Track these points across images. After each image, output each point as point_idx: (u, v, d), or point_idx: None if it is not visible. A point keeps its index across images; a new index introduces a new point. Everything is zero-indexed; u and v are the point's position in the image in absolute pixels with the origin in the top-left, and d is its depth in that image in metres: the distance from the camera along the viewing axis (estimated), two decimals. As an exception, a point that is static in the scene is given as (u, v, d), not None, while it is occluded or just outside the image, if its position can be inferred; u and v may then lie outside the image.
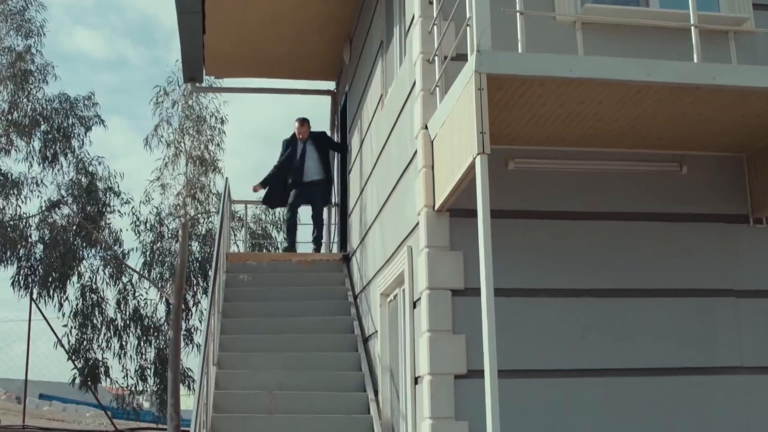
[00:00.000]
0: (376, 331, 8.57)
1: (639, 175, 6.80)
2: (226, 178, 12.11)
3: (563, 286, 6.51)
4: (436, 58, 6.59)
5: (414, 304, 6.86)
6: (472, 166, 5.39)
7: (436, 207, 6.41)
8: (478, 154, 5.24)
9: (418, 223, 6.70)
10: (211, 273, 9.30)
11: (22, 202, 16.02)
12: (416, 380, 6.70)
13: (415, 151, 6.91)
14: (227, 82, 14.36)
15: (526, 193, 6.65)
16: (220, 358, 9.19)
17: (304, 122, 11.95)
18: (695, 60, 5.96)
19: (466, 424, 6.09)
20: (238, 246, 15.47)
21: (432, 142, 6.59)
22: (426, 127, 6.69)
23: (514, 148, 6.59)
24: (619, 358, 6.46)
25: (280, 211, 16.61)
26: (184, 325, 15.31)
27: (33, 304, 15.14)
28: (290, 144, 11.98)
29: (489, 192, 5.24)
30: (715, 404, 6.49)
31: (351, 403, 8.38)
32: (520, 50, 5.73)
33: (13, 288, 15.86)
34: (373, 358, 8.86)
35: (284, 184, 11.92)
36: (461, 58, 5.98)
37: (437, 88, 6.55)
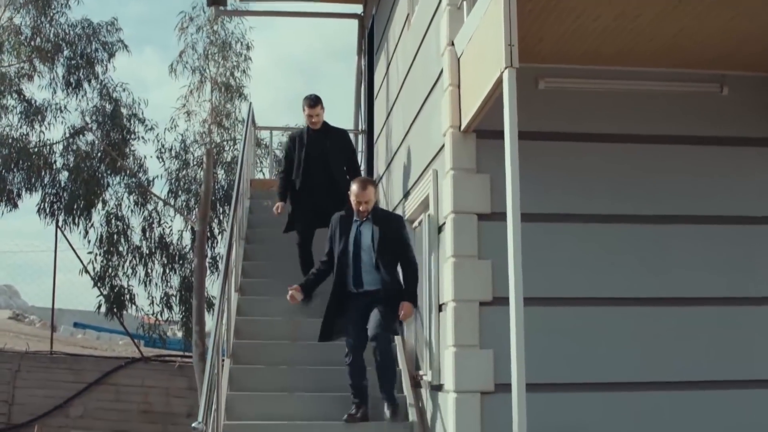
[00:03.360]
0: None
1: (676, 96, 6.46)
2: (250, 103, 11.88)
3: (594, 211, 6.24)
4: (464, -31, 6.25)
5: (439, 230, 6.63)
6: (499, 82, 5.09)
7: (463, 127, 6.13)
8: (505, 68, 4.94)
9: (443, 145, 6.43)
10: (239, 201, 9.11)
11: (46, 128, 15.89)
12: (440, 308, 6.51)
13: (441, 70, 6.60)
14: (252, 5, 13.97)
15: (557, 114, 6.34)
16: (243, 284, 9.05)
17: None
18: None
19: (491, 353, 5.90)
20: (263, 173, 15.28)
21: (458, 59, 6.28)
22: (452, 44, 6.38)
23: (544, 67, 6.26)
24: (650, 286, 6.20)
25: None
26: (209, 253, 15.24)
27: (59, 232, 15.12)
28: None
29: (517, 113, 4.95)
30: (748, 334, 6.24)
31: (374, 331, 8.21)
32: (553, -43, 5.37)
33: (39, 215, 15.83)
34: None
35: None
36: (490, -32, 5.63)
37: (464, 2, 6.22)
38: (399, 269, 7.02)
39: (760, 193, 6.44)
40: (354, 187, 6.97)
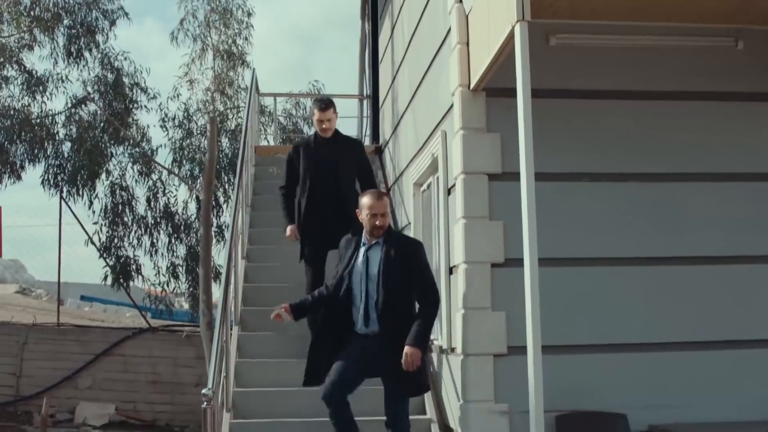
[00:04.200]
0: (409, 223, 8.26)
1: (690, 51, 6.29)
2: (253, 69, 11.68)
3: (608, 170, 6.11)
4: (472, -77, 6.08)
5: (449, 191, 6.51)
6: (510, 36, 4.95)
7: (472, 86, 5.99)
8: (517, 22, 4.80)
9: (452, 105, 6.30)
10: (240, 169, 8.99)
11: (48, 99, 15.70)
12: (451, 270, 6.40)
13: (449, 29, 6.45)
14: (253, -29, 13.75)
15: (569, 71, 6.19)
16: (249, 251, 8.97)
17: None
18: None
19: (503, 315, 5.80)
20: (268, 140, 15.14)
21: (467, 16, 6.13)
22: (460, 1, 6.22)
23: (555, 23, 6.08)
24: (664, 246, 6.09)
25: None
26: (214, 222, 15.13)
27: (63, 203, 15.03)
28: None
29: (529, 68, 4.82)
30: (765, 294, 6.14)
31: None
32: None
33: (43, 187, 15.72)
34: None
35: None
36: None
37: (472, -43, 6.06)
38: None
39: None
40: (367, 200, 5.62)
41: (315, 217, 7.07)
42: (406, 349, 5.33)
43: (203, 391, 5.11)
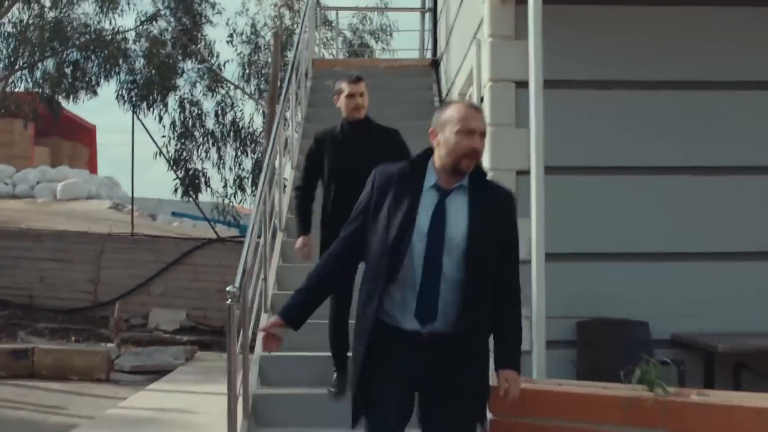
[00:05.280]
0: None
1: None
2: (311, -20, 11.66)
3: (634, 77, 6.03)
4: None
5: (481, 100, 6.53)
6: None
7: (501, -7, 5.96)
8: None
9: (484, 14, 6.27)
10: (293, 78, 9.11)
11: (119, 15, 16.05)
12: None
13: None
14: None
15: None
16: (300, 162, 9.13)
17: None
18: None
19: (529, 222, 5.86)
20: (334, 54, 15.21)
21: None
22: None
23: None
24: (692, 155, 6.02)
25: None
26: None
27: (135, 118, 15.47)
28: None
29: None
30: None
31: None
32: None
33: (118, 102, 16.19)
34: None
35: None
36: None
37: None
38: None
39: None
40: (454, 109, 3.38)
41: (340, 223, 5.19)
42: (508, 373, 3.43)
43: (227, 288, 5.31)
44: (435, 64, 11.06)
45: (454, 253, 3.27)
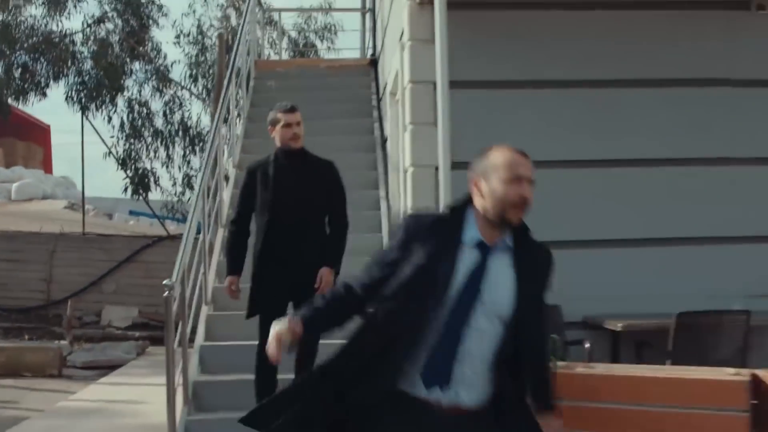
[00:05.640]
0: (387, 138, 8.70)
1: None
2: (251, -19, 11.93)
3: (549, 77, 6.47)
4: None
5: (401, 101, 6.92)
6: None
7: (419, -1, 6.36)
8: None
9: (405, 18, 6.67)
10: (233, 78, 9.43)
11: (66, 18, 16.23)
12: (405, 173, 6.87)
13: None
14: None
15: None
16: (242, 160, 9.46)
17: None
18: None
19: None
20: (280, 55, 15.52)
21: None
22: None
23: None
24: (605, 149, 6.49)
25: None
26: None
27: (84, 119, 15.70)
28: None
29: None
30: (703, 194, 6.52)
31: (363, 200, 8.59)
32: None
33: (67, 103, 16.38)
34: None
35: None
36: None
37: None
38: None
39: (716, 55, 6.59)
40: (502, 155, 2.94)
41: (274, 263, 5.36)
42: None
43: (164, 282, 5.65)
44: (373, 63, 11.43)
45: (495, 319, 2.83)
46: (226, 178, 8.88)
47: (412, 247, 2.87)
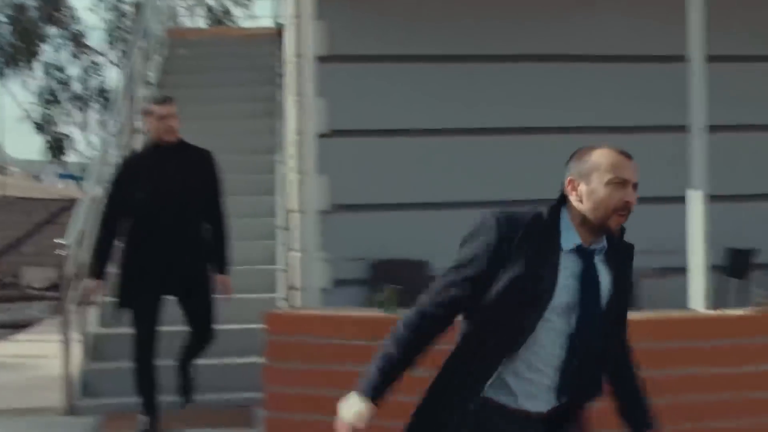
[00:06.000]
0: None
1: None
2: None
3: (405, 51, 7.00)
4: None
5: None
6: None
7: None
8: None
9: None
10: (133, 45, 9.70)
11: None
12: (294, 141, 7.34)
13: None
14: None
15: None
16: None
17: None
18: None
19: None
20: (194, 22, 15.76)
21: None
22: None
23: None
24: (464, 118, 7.07)
25: None
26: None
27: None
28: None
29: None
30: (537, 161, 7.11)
31: (258, 164, 8.98)
32: None
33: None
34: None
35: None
36: None
37: None
38: None
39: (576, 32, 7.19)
40: (606, 156, 2.59)
41: (151, 251, 5.16)
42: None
43: (56, 240, 6.01)
44: (280, 33, 11.77)
45: (592, 321, 2.64)
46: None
47: (505, 250, 2.54)
